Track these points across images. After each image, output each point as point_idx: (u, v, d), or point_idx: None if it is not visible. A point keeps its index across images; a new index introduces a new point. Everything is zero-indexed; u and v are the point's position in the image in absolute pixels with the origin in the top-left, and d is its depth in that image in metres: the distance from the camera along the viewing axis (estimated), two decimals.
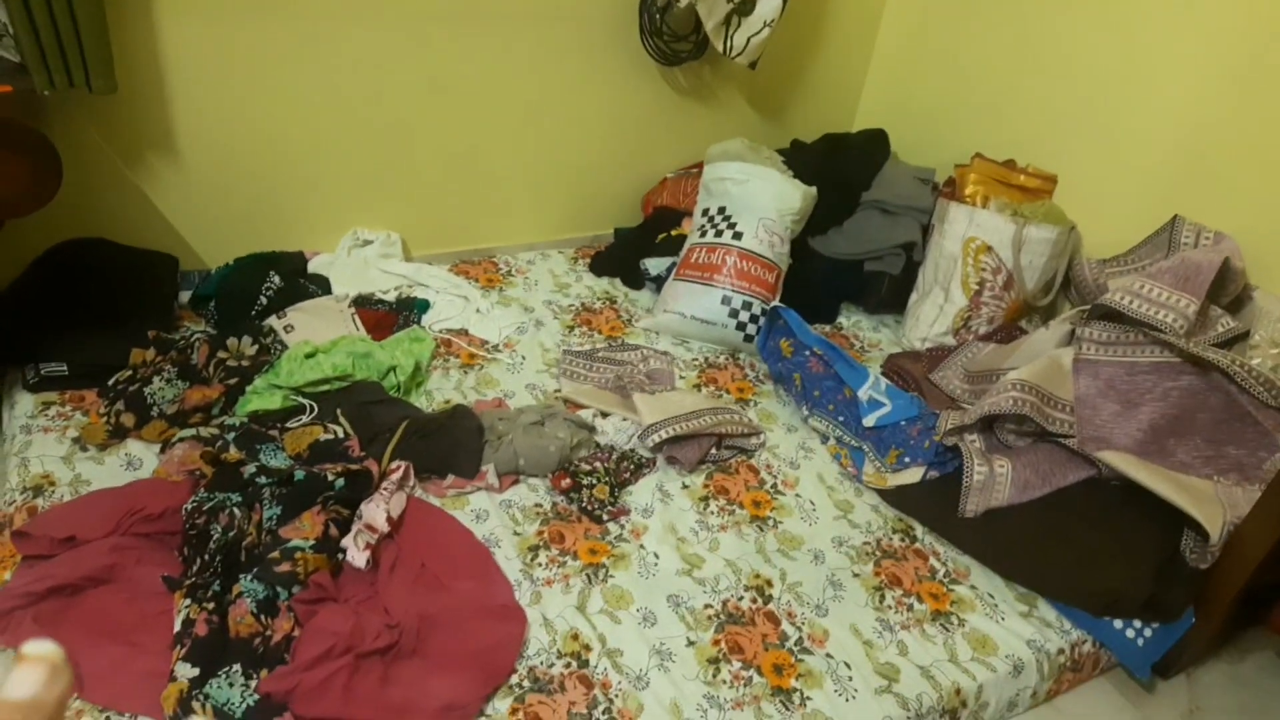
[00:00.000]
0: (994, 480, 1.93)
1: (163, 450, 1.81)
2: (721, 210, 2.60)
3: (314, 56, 2.25)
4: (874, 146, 2.98)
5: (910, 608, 1.76)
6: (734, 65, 2.79)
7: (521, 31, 2.49)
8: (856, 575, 1.82)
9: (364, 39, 2.29)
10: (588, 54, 2.62)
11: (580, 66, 2.63)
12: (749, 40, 2.64)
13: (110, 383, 1.93)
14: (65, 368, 1.95)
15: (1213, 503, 1.81)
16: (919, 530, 1.96)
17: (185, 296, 2.28)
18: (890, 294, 2.72)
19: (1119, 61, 2.45)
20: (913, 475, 2.03)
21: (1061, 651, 1.75)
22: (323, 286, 2.35)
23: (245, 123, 2.26)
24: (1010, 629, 1.75)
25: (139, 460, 1.82)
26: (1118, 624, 1.78)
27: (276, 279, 2.24)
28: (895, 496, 2.01)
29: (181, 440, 1.80)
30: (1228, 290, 2.19)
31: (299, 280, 2.31)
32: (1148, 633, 1.78)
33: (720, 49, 2.65)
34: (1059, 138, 2.63)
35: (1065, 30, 2.57)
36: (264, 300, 2.21)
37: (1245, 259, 2.23)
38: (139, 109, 2.13)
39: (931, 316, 2.59)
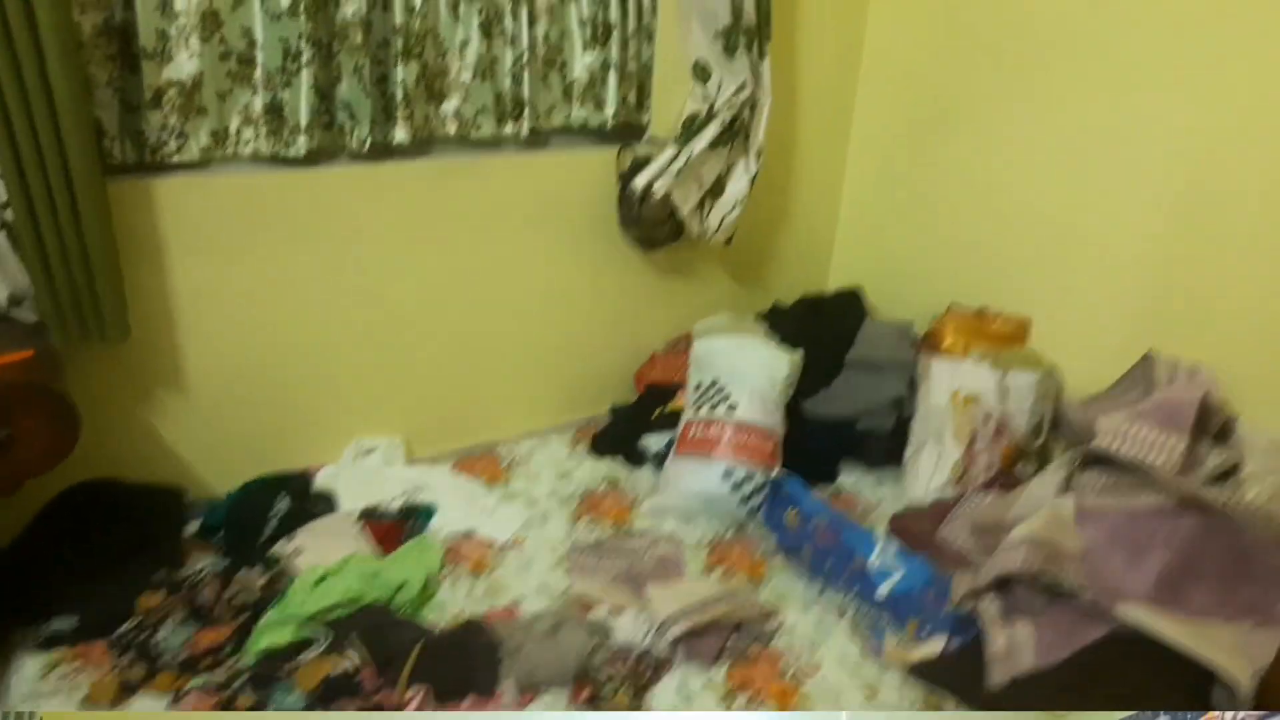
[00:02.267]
0: (1015, 646, 1.91)
1: (175, 701, 1.78)
2: (714, 383, 2.66)
3: (313, 278, 2.36)
4: (849, 306, 3.10)
5: None
6: (710, 243, 2.93)
7: (510, 234, 2.62)
8: None
9: (361, 255, 2.40)
10: (572, 247, 2.75)
11: (566, 259, 2.76)
12: (722, 220, 2.79)
13: (119, 634, 1.92)
14: (75, 620, 1.94)
15: (1237, 652, 1.79)
16: (951, 705, 1.91)
17: (193, 527, 2.29)
18: (885, 450, 2.76)
19: (1071, 204, 2.58)
20: (935, 646, 2.00)
21: None
22: (329, 503, 2.37)
23: (248, 347, 2.33)
24: None
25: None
26: None
27: (284, 503, 2.26)
28: (919, 671, 1.98)
29: (193, 689, 1.78)
30: (1211, 423, 2.24)
31: (306, 501, 2.33)
32: None
33: (695, 232, 2.80)
34: (1027, 280, 2.74)
35: (1017, 175, 2.71)
36: (273, 524, 2.23)
37: (1223, 389, 2.29)
38: (148, 348, 2.19)
39: (929, 470, 2.62)
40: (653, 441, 2.75)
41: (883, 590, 2.10)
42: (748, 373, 2.65)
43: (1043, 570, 1.94)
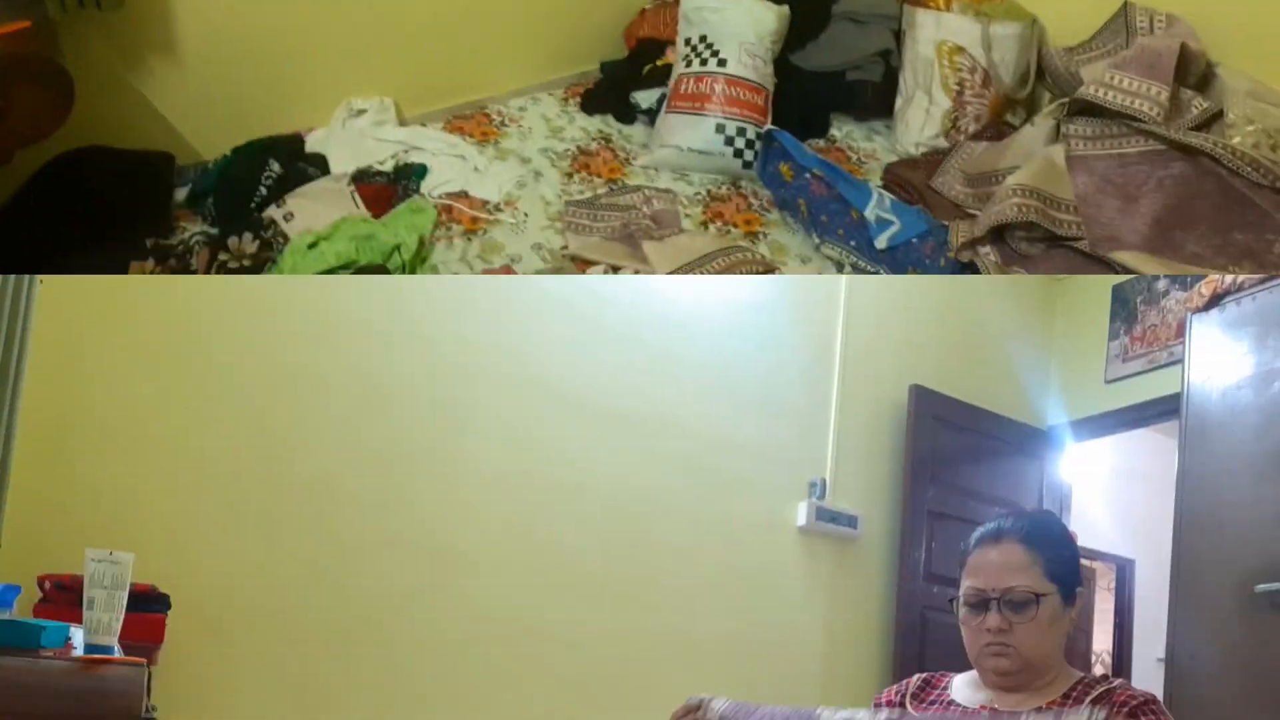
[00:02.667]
0: None
1: None
2: (703, 38, 2.56)
3: None
4: None
5: None
6: None
7: None
8: None
9: None
10: None
11: None
12: None
13: None
14: None
15: None
16: None
17: (183, 194, 2.19)
18: (875, 100, 2.77)
19: None
20: None
21: None
22: (321, 166, 2.28)
23: (240, 10, 2.17)
24: None
25: None
26: None
27: (275, 166, 2.17)
28: None
29: None
30: (1191, 71, 2.28)
31: (297, 164, 2.23)
32: None
33: None
34: None
35: None
36: (264, 190, 2.14)
37: (1201, 38, 2.31)
38: (141, 16, 2.03)
39: (919, 120, 2.65)
40: (643, 97, 2.67)
41: (881, 241, 2.20)
42: (736, 28, 2.55)
43: (1039, 218, 2.05)
